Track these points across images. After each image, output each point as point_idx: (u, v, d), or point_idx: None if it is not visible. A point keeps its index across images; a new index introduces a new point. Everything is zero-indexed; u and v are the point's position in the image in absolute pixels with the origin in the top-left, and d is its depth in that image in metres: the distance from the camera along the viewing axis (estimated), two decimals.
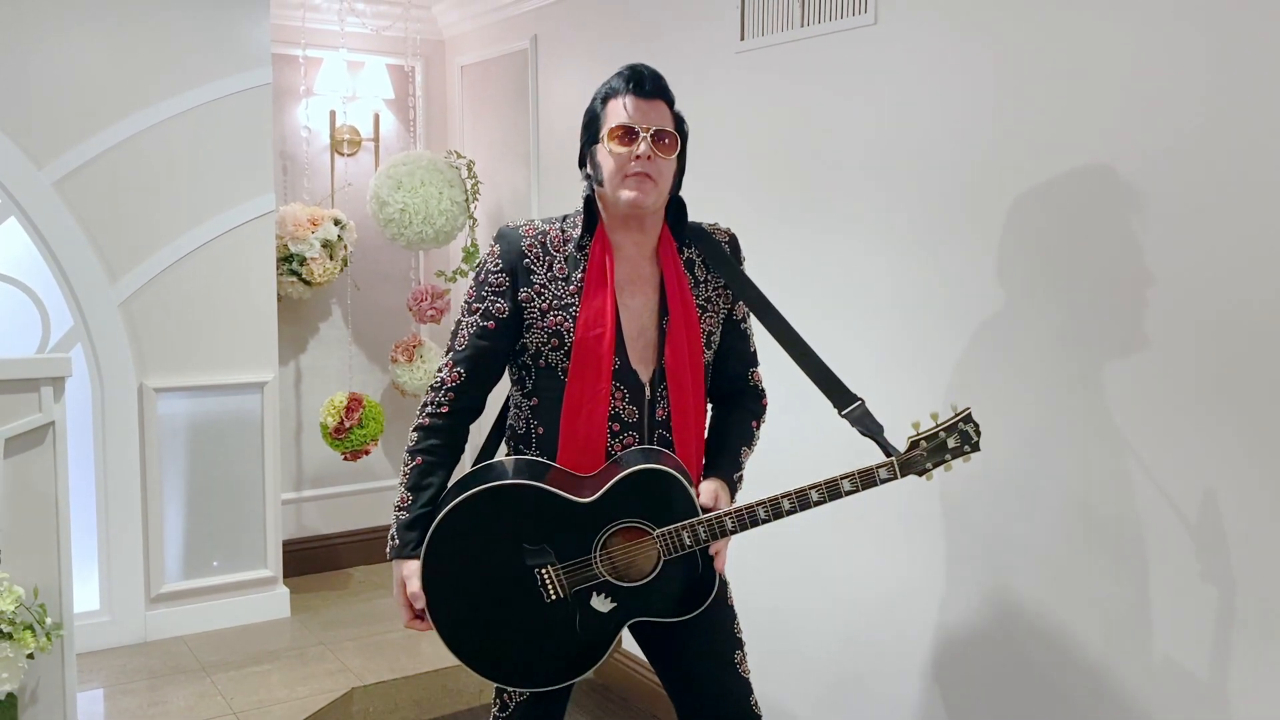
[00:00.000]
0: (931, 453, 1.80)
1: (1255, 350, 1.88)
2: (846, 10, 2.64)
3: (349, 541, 4.70)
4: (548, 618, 1.82)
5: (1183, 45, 1.95)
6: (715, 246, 1.95)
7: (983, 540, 2.38)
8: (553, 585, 1.81)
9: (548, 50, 4.00)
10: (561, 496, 1.80)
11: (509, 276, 1.87)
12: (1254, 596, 1.90)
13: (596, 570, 1.81)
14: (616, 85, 1.85)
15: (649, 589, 1.82)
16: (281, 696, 3.39)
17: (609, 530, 1.80)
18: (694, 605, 1.86)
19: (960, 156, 2.39)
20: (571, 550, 1.81)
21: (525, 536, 1.80)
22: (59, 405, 2.68)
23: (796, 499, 1.79)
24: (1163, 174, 2.00)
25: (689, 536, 1.79)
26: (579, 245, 1.88)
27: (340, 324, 4.60)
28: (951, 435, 1.79)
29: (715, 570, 1.87)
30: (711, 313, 1.95)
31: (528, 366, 1.91)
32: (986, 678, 2.39)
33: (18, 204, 3.51)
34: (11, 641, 2.44)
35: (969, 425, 1.80)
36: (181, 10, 3.74)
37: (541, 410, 1.90)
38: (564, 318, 1.85)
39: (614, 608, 1.82)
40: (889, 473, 1.79)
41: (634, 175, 1.81)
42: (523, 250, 1.87)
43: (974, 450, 1.81)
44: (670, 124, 1.86)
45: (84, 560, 3.58)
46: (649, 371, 1.88)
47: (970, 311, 2.38)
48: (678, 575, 1.84)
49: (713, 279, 1.95)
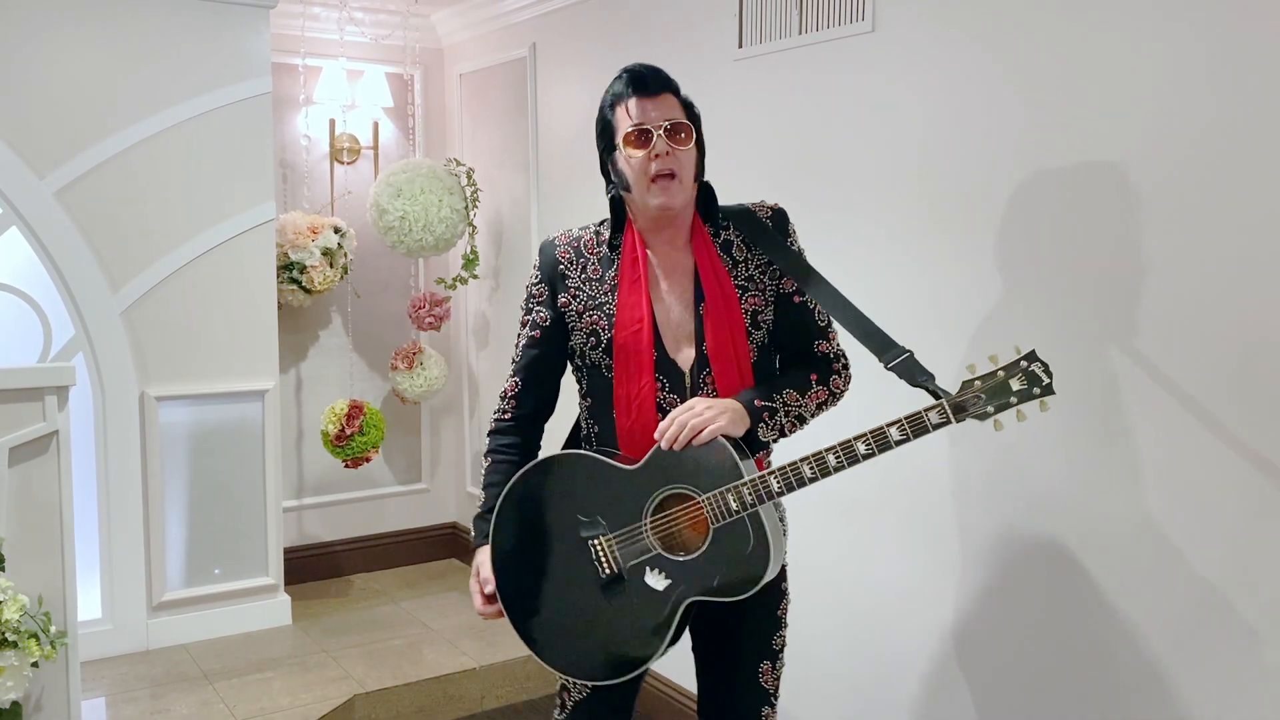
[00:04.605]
0: (991, 394, 1.65)
1: (1255, 349, 1.89)
2: (844, 18, 2.66)
3: (350, 549, 4.71)
4: (607, 597, 1.84)
5: (1181, 48, 1.97)
6: (756, 223, 1.92)
7: (988, 544, 2.39)
8: (606, 559, 1.83)
9: (546, 58, 4.02)
10: (609, 463, 1.85)
11: (548, 285, 1.94)
12: (1256, 597, 1.92)
13: (647, 541, 1.81)
14: (620, 90, 1.87)
15: (702, 564, 1.79)
16: (284, 704, 3.39)
17: (658, 496, 1.81)
18: (748, 584, 1.77)
19: (958, 163, 2.40)
20: (623, 519, 1.83)
21: (579, 508, 1.86)
22: (63, 414, 2.68)
23: (843, 452, 1.70)
24: (1161, 176, 2.01)
25: (734, 499, 1.75)
26: (610, 245, 1.93)
27: (340, 332, 4.61)
28: (1014, 376, 1.65)
29: (767, 547, 1.76)
30: (755, 291, 1.90)
31: (580, 368, 1.98)
32: (994, 682, 2.40)
33: (19, 213, 3.52)
34: (16, 650, 2.44)
35: (1035, 364, 1.64)
36: (182, 20, 3.75)
37: (595, 409, 1.95)
38: (599, 316, 1.90)
39: (669, 585, 1.80)
40: (941, 416, 1.66)
41: (658, 179, 1.82)
42: (557, 258, 1.94)
43: (1046, 393, 1.63)
44: (680, 113, 1.87)
45: (86, 569, 3.57)
46: (689, 360, 1.88)
47: (969, 315, 2.39)
48: (729, 551, 1.77)
49: (754, 257, 1.92)
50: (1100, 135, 2.11)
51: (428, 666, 3.66)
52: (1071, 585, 2.21)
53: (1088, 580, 2.18)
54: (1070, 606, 2.21)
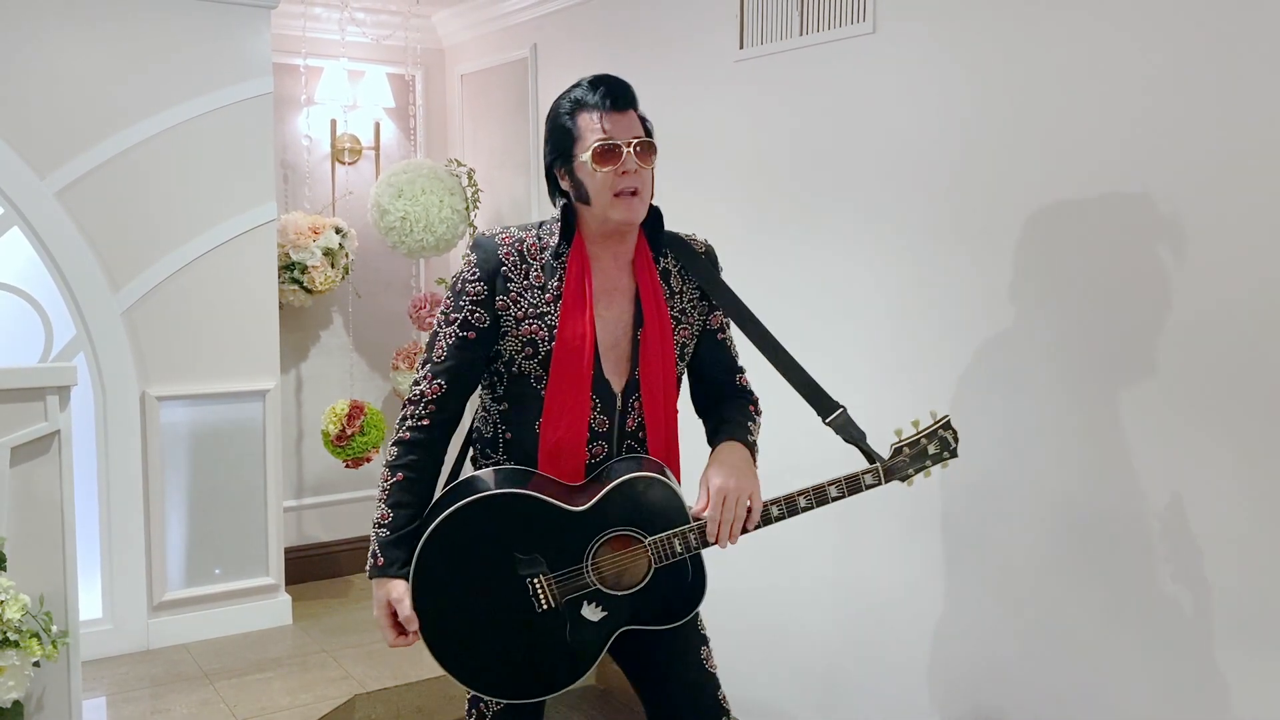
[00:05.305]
0: (914, 459, 1.87)
1: (1246, 356, 1.90)
2: (845, 19, 2.66)
3: (350, 549, 4.71)
4: (539, 627, 1.81)
5: (1179, 50, 1.97)
6: (693, 254, 1.94)
7: (980, 545, 2.40)
8: (545, 595, 1.80)
9: (547, 59, 4.03)
10: (553, 504, 1.80)
11: (487, 285, 1.84)
12: (1248, 600, 1.92)
13: (588, 579, 1.80)
14: (585, 98, 1.81)
15: (639, 597, 1.82)
16: (284, 704, 3.40)
17: (601, 539, 1.81)
18: (684, 612, 1.87)
19: (958, 164, 2.40)
20: (563, 559, 1.80)
21: (517, 546, 1.80)
22: (64, 414, 2.69)
23: (785, 505, 1.83)
24: (1157, 180, 2.01)
25: (680, 544, 1.80)
26: (555, 254, 1.86)
27: (341, 332, 4.62)
28: (932, 442, 1.87)
29: (704, 578, 1.86)
30: (686, 324, 1.93)
31: (500, 372, 1.90)
32: (984, 680, 2.40)
33: (20, 213, 3.52)
34: (18, 649, 2.44)
35: (948, 432, 1.88)
36: (183, 20, 3.75)
37: (512, 416, 1.90)
38: (539, 326, 1.84)
39: (604, 616, 1.82)
40: (874, 479, 1.85)
41: (624, 195, 1.80)
42: (500, 258, 1.84)
43: (952, 456, 1.88)
44: (642, 131, 1.84)
45: (86, 569, 3.58)
46: (621, 382, 1.88)
47: (966, 319, 2.40)
48: (668, 583, 1.84)
49: (688, 290, 1.94)
50: (1100, 136, 2.11)
51: (428, 666, 3.64)
52: (1070, 585, 2.21)
53: (1086, 580, 2.18)
54: (1070, 606, 2.22)
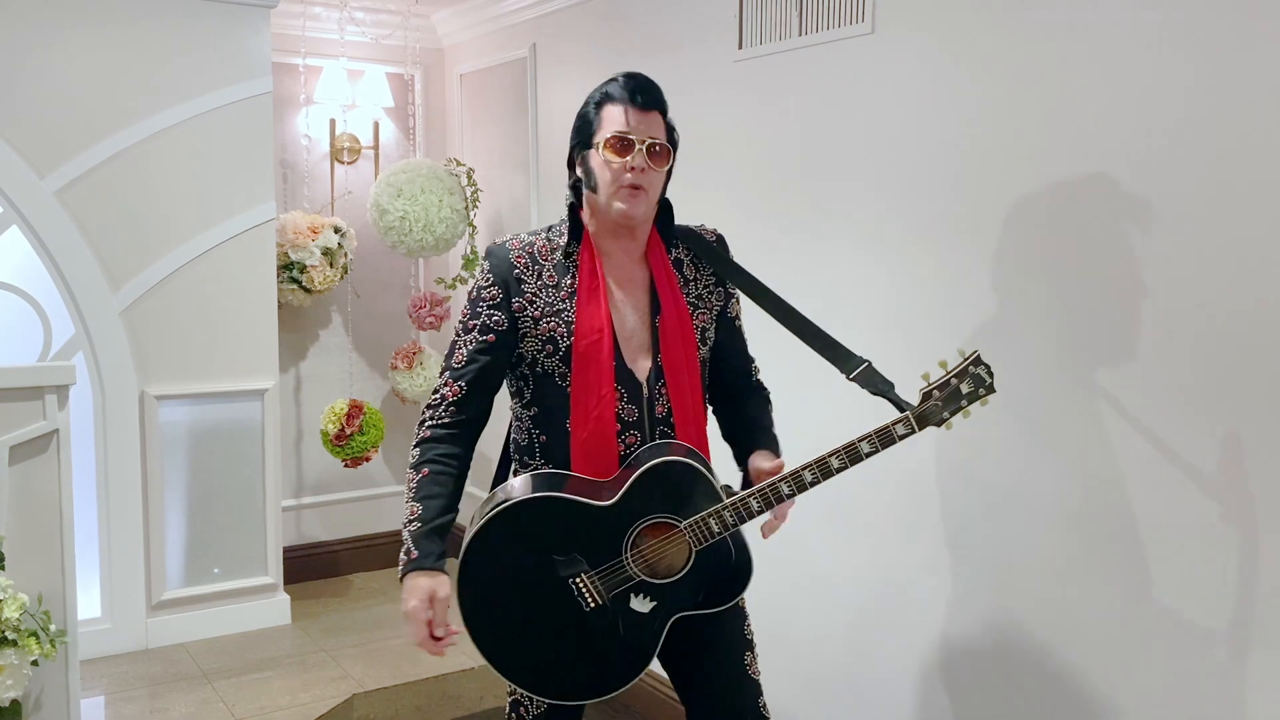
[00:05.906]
0: (947, 400, 1.80)
1: (1250, 354, 1.90)
2: (844, 20, 2.66)
3: (349, 548, 4.71)
4: (591, 627, 1.82)
5: (1178, 49, 1.97)
6: (703, 243, 2.00)
7: (981, 543, 2.40)
8: (590, 593, 1.81)
9: (547, 58, 4.03)
10: (583, 503, 1.80)
11: (501, 289, 1.88)
12: (1252, 601, 1.92)
13: (630, 571, 1.81)
14: (614, 92, 1.88)
15: (685, 582, 1.83)
16: (283, 703, 3.40)
17: (636, 529, 1.81)
18: (733, 593, 1.88)
19: (957, 165, 2.41)
20: (602, 555, 1.81)
21: (554, 549, 1.80)
22: (63, 413, 2.69)
23: (818, 469, 1.78)
24: (1156, 180, 2.02)
25: (716, 523, 1.80)
26: (566, 252, 1.91)
27: (340, 331, 4.62)
28: (964, 380, 1.80)
29: (749, 556, 1.88)
30: (704, 309, 1.97)
31: (525, 376, 1.92)
32: (985, 679, 2.40)
33: (20, 213, 3.53)
34: (16, 648, 2.44)
35: (979, 368, 1.80)
36: (182, 20, 3.75)
37: (543, 418, 1.91)
38: (557, 323, 1.86)
39: (654, 606, 1.82)
40: (907, 428, 1.78)
41: (626, 187, 1.84)
42: (512, 262, 1.89)
43: (989, 392, 1.80)
44: (664, 135, 1.89)
45: (85, 568, 3.57)
46: (645, 370, 1.90)
47: (966, 318, 2.40)
48: (712, 565, 1.84)
49: (703, 276, 1.99)
50: (1100, 138, 2.11)
51: (426, 666, 3.67)
52: (1071, 584, 2.21)
53: (1087, 579, 2.18)
54: (1070, 605, 2.22)
